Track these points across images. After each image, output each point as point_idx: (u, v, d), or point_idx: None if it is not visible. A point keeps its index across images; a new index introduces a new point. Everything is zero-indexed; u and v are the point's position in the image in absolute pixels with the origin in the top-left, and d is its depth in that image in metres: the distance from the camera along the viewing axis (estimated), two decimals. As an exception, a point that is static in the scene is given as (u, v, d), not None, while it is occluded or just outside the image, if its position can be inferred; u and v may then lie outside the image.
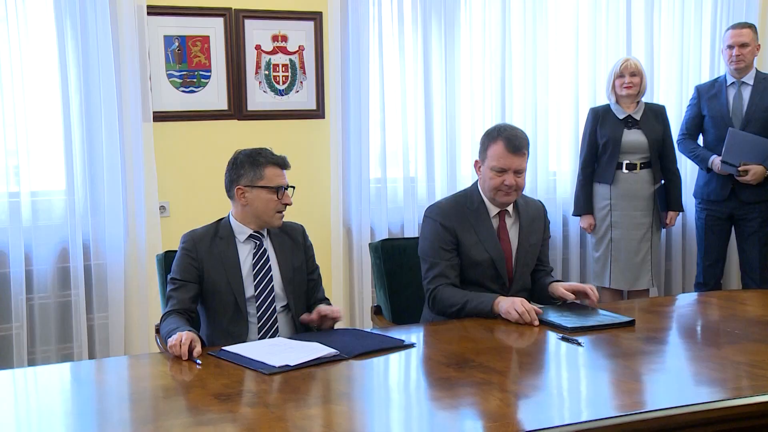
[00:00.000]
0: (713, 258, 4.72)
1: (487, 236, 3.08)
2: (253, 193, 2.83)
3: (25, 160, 3.87)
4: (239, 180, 2.84)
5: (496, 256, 3.07)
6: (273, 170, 2.84)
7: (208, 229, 2.92)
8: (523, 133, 3.05)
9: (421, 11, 4.57)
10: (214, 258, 2.85)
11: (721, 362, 2.42)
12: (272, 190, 2.83)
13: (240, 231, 2.89)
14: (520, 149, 2.99)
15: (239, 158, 2.86)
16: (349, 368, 2.42)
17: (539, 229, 3.20)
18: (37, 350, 3.95)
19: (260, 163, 2.83)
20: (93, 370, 2.69)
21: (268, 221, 2.88)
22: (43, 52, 3.92)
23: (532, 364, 2.54)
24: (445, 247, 3.07)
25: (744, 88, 4.56)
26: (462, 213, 3.10)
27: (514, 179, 2.99)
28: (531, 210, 3.19)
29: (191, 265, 2.84)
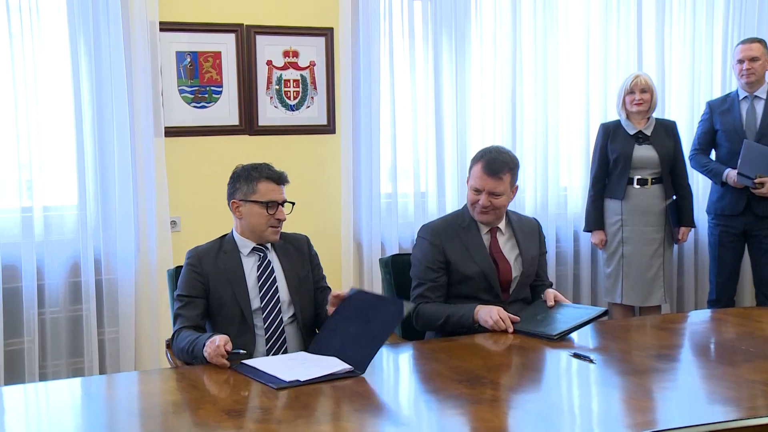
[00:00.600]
0: (726, 275, 4.69)
1: (477, 250, 3.12)
2: (246, 207, 2.86)
3: (38, 174, 3.89)
4: (234, 194, 2.88)
5: (486, 269, 3.11)
6: (267, 185, 2.85)
7: (213, 244, 2.93)
8: (509, 158, 3.11)
9: (432, 26, 4.58)
10: (219, 272, 2.86)
11: (735, 381, 2.40)
12: (263, 205, 2.84)
13: (243, 245, 2.91)
14: (496, 173, 3.05)
15: (236, 172, 2.91)
16: (360, 384, 2.41)
17: (535, 243, 3.25)
18: (48, 364, 3.95)
19: (254, 177, 2.85)
20: (103, 386, 2.69)
21: (262, 236, 2.89)
22: (57, 67, 3.95)
23: (544, 381, 2.52)
24: (431, 266, 3.13)
25: (757, 102, 4.55)
26: (452, 230, 3.17)
27: (487, 200, 3.06)
28: (525, 226, 3.26)
29: (197, 280, 2.85)
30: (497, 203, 3.07)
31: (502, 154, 3.11)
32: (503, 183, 3.06)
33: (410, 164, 4.63)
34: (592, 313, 2.95)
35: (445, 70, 4.62)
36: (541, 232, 3.33)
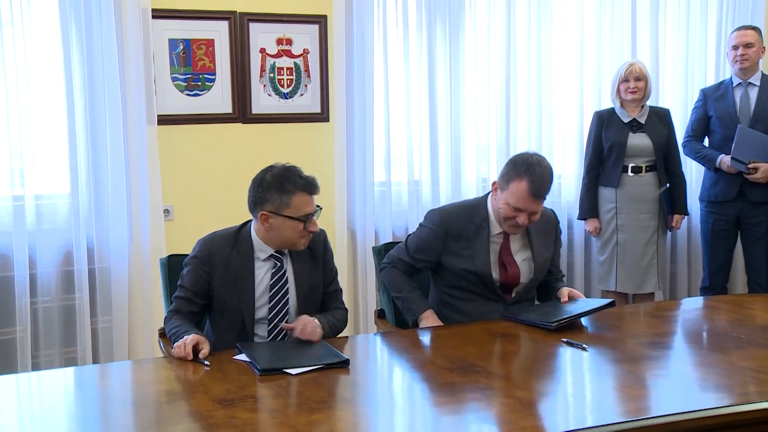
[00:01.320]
0: (719, 262, 4.71)
1: (479, 253, 3.04)
2: (278, 220, 2.67)
3: (30, 163, 3.87)
4: (263, 205, 2.67)
5: (484, 273, 3.03)
6: (301, 198, 2.66)
7: (227, 239, 2.77)
8: (551, 174, 2.95)
9: (426, 15, 4.56)
10: (228, 274, 2.73)
11: (727, 367, 2.41)
12: (298, 221, 2.68)
13: (260, 249, 2.76)
14: (542, 195, 2.92)
15: (266, 180, 2.68)
16: (352, 373, 2.41)
17: (550, 242, 3.18)
18: (40, 354, 3.94)
19: (288, 190, 2.65)
20: (96, 375, 2.69)
21: (292, 246, 2.75)
22: (48, 56, 3.92)
23: (537, 369, 2.52)
24: (422, 252, 3.11)
25: (751, 88, 4.56)
26: (461, 224, 3.07)
27: (527, 219, 2.94)
28: (542, 223, 3.11)
29: (202, 278, 2.73)
30: (535, 219, 2.98)
31: (545, 169, 2.92)
32: (543, 202, 2.98)
33: (404, 152, 4.62)
34: (597, 304, 2.94)
35: (439, 58, 4.61)
36: (558, 227, 3.26)
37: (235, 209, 3.12)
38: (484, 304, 3.07)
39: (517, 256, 3.08)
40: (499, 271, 3.05)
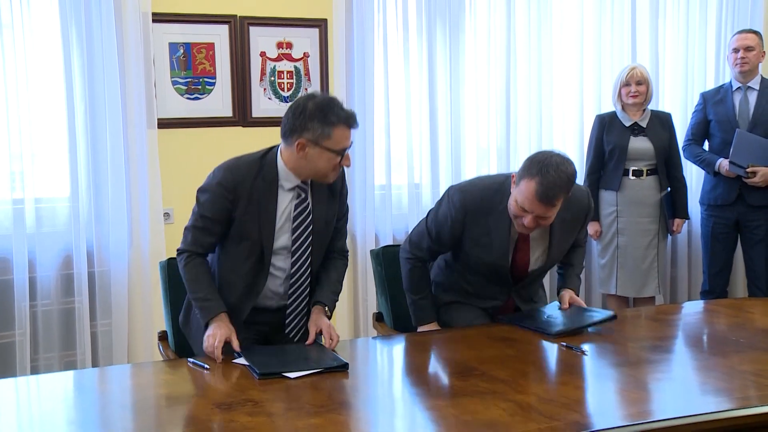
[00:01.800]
0: (719, 266, 4.70)
1: (499, 240, 2.90)
2: (316, 150, 2.56)
3: (30, 166, 3.87)
4: (303, 132, 2.55)
5: (500, 263, 2.94)
6: (342, 132, 2.57)
7: (251, 164, 2.65)
8: (567, 180, 2.71)
9: (426, 18, 4.56)
10: (252, 202, 2.62)
11: (727, 371, 2.41)
12: (336, 154, 2.58)
13: (286, 178, 2.65)
14: (551, 201, 2.70)
15: (309, 108, 2.56)
16: (352, 377, 2.41)
17: (573, 230, 3.00)
18: (40, 357, 3.94)
19: (331, 122, 2.54)
20: (96, 379, 2.69)
21: (322, 178, 2.65)
22: (49, 59, 3.92)
23: (536, 372, 2.52)
24: (444, 236, 2.97)
25: (750, 92, 4.56)
26: (484, 208, 2.90)
27: (534, 222, 2.76)
28: (572, 210, 2.93)
29: (225, 207, 2.62)
30: (545, 223, 2.80)
31: (560, 175, 2.68)
32: (555, 207, 2.74)
33: (404, 156, 4.62)
34: (598, 316, 2.93)
35: (439, 62, 4.61)
36: (589, 213, 3.04)
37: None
38: (489, 281, 3.01)
39: (534, 243, 2.94)
40: (511, 257, 2.94)
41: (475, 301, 3.07)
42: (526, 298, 3.10)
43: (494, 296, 3.05)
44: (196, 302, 2.65)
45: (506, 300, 3.05)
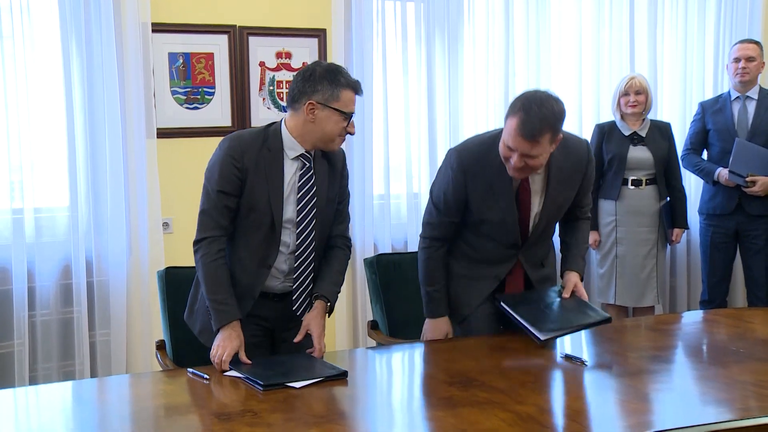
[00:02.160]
0: (719, 276, 4.70)
1: (502, 194, 2.83)
2: (325, 112, 2.59)
3: (29, 175, 3.87)
4: (313, 94, 2.58)
5: (509, 219, 2.85)
6: (349, 94, 2.61)
7: (256, 135, 2.66)
8: (552, 115, 2.65)
9: (425, 27, 4.58)
10: (259, 171, 2.61)
11: (727, 382, 2.40)
12: (344, 116, 2.61)
13: (291, 146, 2.64)
14: (534, 136, 2.61)
15: (317, 71, 2.60)
16: (350, 387, 2.40)
17: (574, 182, 2.91)
18: (38, 368, 3.93)
19: (340, 83, 2.59)
20: (94, 389, 2.68)
21: (328, 144, 2.66)
22: (48, 68, 3.93)
23: (536, 383, 2.51)
24: (449, 199, 2.90)
25: (749, 102, 4.58)
26: (481, 163, 2.83)
27: (521, 161, 2.66)
28: (570, 161, 2.87)
29: (235, 175, 2.59)
30: (533, 164, 2.69)
31: (544, 111, 2.63)
32: (539, 144, 2.64)
33: (403, 165, 4.63)
34: (592, 319, 2.83)
35: (438, 71, 4.62)
36: (588, 164, 2.93)
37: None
38: (498, 243, 2.93)
39: (534, 196, 2.87)
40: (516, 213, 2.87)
41: (484, 269, 2.97)
42: (535, 262, 2.99)
43: (502, 259, 2.95)
44: (212, 303, 2.60)
45: (514, 264, 2.96)
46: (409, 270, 3.32)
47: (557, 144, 2.73)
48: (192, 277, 2.94)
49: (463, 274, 3.01)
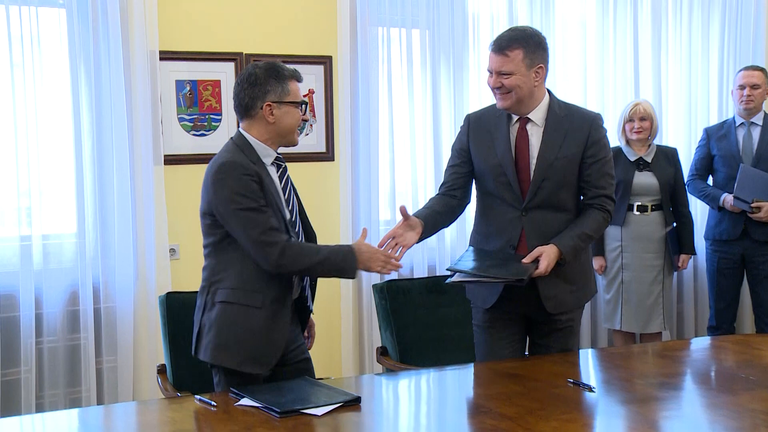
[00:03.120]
0: (726, 301, 4.69)
1: (500, 141, 2.94)
2: (282, 108, 2.69)
3: (37, 202, 3.89)
4: (266, 96, 2.67)
5: (505, 162, 2.91)
6: (294, 85, 2.73)
7: (234, 152, 2.67)
8: (520, 32, 2.86)
9: (430, 54, 4.61)
10: (263, 179, 2.67)
11: (737, 410, 2.39)
12: (298, 106, 2.73)
13: (266, 153, 2.72)
14: (500, 49, 2.82)
15: (258, 73, 2.69)
16: (360, 414, 2.39)
17: (577, 142, 2.90)
18: (45, 394, 3.92)
19: (284, 77, 2.69)
20: (101, 417, 2.67)
21: (291, 139, 2.75)
22: (57, 96, 3.96)
23: (543, 410, 2.50)
24: (456, 145, 3.09)
25: (753, 128, 4.59)
26: (485, 118, 3.02)
27: (497, 81, 2.85)
28: (572, 121, 2.93)
29: (259, 190, 2.62)
30: (508, 83, 2.82)
31: (514, 30, 2.90)
32: (510, 60, 2.81)
33: (409, 191, 4.64)
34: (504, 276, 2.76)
35: (443, 98, 4.64)
36: (594, 131, 2.93)
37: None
38: (504, 212, 2.94)
39: (532, 149, 2.91)
40: (515, 161, 2.91)
41: (493, 240, 2.96)
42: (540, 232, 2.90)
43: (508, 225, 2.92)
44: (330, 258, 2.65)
45: (520, 233, 2.91)
46: (418, 296, 3.33)
47: (539, 77, 2.86)
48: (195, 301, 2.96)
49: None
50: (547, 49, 2.92)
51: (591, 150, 2.92)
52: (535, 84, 2.87)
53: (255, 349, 2.66)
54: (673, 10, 5.17)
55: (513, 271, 2.77)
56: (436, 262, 4.68)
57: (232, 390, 2.53)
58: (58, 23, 3.93)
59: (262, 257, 2.61)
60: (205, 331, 2.71)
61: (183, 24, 4.19)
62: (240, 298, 2.66)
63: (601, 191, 2.95)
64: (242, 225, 2.61)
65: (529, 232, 2.91)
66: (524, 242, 2.92)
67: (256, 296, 2.66)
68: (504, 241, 2.94)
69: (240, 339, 2.66)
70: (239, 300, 2.66)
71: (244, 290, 2.66)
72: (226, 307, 2.67)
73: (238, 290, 2.67)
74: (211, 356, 2.69)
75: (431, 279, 3.92)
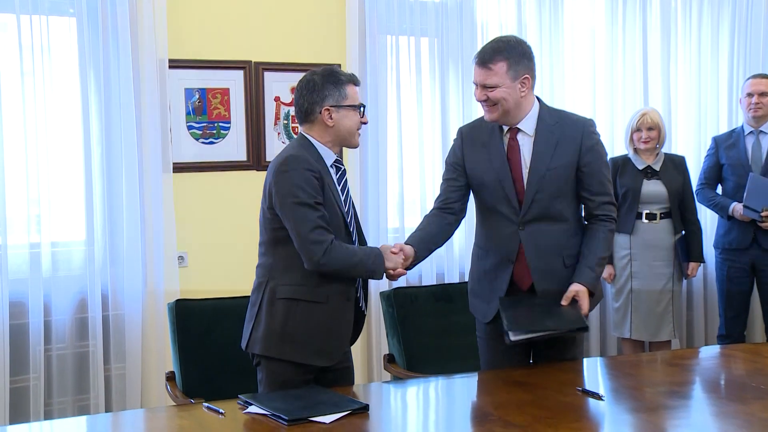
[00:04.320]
0: (736, 310, 4.67)
1: (495, 154, 2.91)
2: (340, 113, 2.76)
3: (47, 210, 3.90)
4: (324, 101, 2.74)
5: (502, 176, 2.89)
6: (352, 88, 2.80)
7: (301, 150, 2.73)
8: (503, 44, 2.84)
9: (439, 61, 4.62)
10: (325, 181, 2.72)
11: (747, 419, 2.37)
12: (356, 109, 2.79)
13: (327, 155, 2.78)
14: (483, 62, 2.82)
15: (316, 80, 2.77)
16: (367, 422, 2.39)
17: (570, 151, 2.88)
18: (54, 402, 3.93)
19: (342, 81, 2.77)
20: (109, 424, 2.67)
21: (351, 141, 2.83)
22: (67, 104, 3.98)
23: (553, 419, 2.48)
24: (450, 161, 3.06)
25: (762, 136, 4.58)
26: (478, 131, 2.99)
27: (482, 94, 2.83)
28: (564, 129, 2.90)
29: (319, 187, 2.68)
30: (493, 96, 2.81)
31: (497, 41, 2.87)
32: (494, 73, 2.80)
33: (417, 199, 4.64)
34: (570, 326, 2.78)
35: (451, 106, 4.65)
36: (586, 138, 2.90)
37: (250, 256, 3.09)
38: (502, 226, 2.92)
39: (524, 155, 2.89)
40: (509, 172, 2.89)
41: (492, 255, 2.96)
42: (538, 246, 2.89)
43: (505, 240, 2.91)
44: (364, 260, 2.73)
45: (518, 247, 2.89)
46: (425, 303, 3.33)
47: (525, 87, 2.85)
48: (205, 308, 2.97)
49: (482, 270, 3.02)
50: (532, 58, 2.91)
51: (586, 158, 2.90)
52: (522, 95, 2.86)
53: (322, 343, 2.71)
54: (683, 17, 5.17)
55: (568, 320, 2.80)
56: (444, 270, 4.67)
57: (240, 397, 2.53)
58: (68, 32, 3.96)
59: (307, 253, 2.65)
60: (266, 326, 2.72)
61: (192, 32, 4.20)
62: (304, 295, 2.71)
63: (603, 198, 2.95)
64: (295, 219, 2.65)
65: (528, 247, 2.90)
66: (523, 257, 2.91)
67: (319, 291, 2.71)
68: (502, 256, 2.94)
69: (308, 333, 2.70)
70: (303, 296, 2.71)
71: (308, 287, 2.70)
72: (291, 304, 2.71)
73: (301, 287, 2.71)
74: (276, 351, 2.71)
75: (439, 287, 3.92)
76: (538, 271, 2.90)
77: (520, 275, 2.93)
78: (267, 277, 2.76)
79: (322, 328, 2.71)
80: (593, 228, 2.96)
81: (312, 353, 2.71)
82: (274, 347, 2.71)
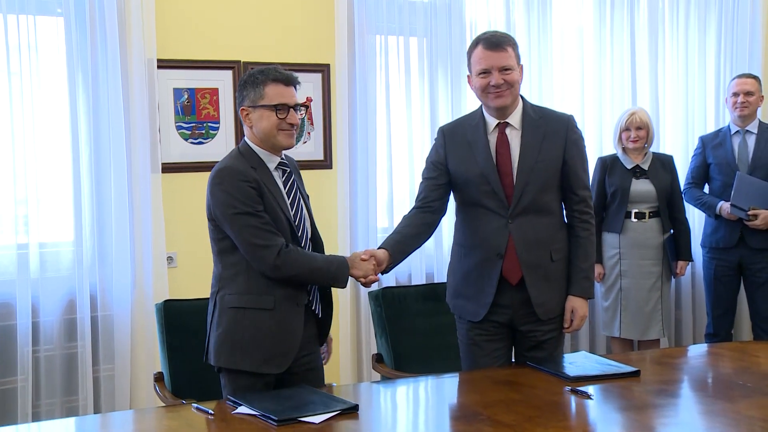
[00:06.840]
0: (723, 308, 4.69)
1: (480, 149, 2.94)
2: (256, 113, 2.68)
3: (35, 210, 3.88)
4: (242, 102, 2.71)
5: (488, 171, 2.92)
6: (274, 88, 2.67)
7: (236, 157, 2.70)
8: (506, 34, 3.00)
9: (428, 61, 4.62)
10: (261, 185, 2.66)
11: (734, 417, 2.39)
12: (272, 109, 2.66)
13: (269, 159, 2.72)
14: (499, 45, 2.88)
15: (243, 78, 2.74)
16: (356, 422, 2.39)
17: (555, 144, 2.93)
18: (41, 403, 3.91)
19: (260, 81, 2.68)
20: (97, 426, 2.66)
21: (274, 142, 2.70)
22: (55, 104, 3.96)
23: (542, 417, 2.49)
24: (430, 166, 3.07)
25: (749, 136, 4.61)
26: (461, 129, 3.02)
27: (500, 77, 2.86)
28: (548, 124, 2.96)
29: (256, 195, 2.63)
30: (510, 79, 2.88)
31: (498, 32, 3.02)
32: (510, 55, 2.89)
33: (407, 199, 4.63)
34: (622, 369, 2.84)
35: (441, 106, 4.65)
36: (571, 133, 2.97)
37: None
38: (489, 221, 2.94)
39: (513, 154, 2.93)
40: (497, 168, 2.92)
41: (478, 252, 2.97)
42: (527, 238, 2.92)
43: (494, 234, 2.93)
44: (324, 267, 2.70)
45: (507, 241, 2.91)
46: (414, 303, 3.33)
47: (521, 74, 2.94)
48: (194, 309, 2.95)
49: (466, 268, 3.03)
50: None
51: (570, 152, 2.97)
52: (521, 81, 2.96)
53: (271, 350, 2.66)
54: (670, 17, 5.20)
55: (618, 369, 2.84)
56: (434, 270, 4.68)
57: (229, 398, 2.52)
58: (56, 32, 3.94)
59: (259, 260, 2.62)
60: (216, 337, 2.70)
61: (181, 32, 4.20)
62: (250, 303, 2.66)
63: (585, 193, 3.02)
64: (237, 228, 2.63)
65: (517, 239, 2.92)
66: (512, 251, 2.93)
67: (266, 298, 2.66)
68: (490, 251, 2.95)
69: (255, 342, 2.65)
70: (249, 304, 2.66)
71: (253, 294, 2.66)
72: (237, 313, 2.67)
73: (246, 295, 2.67)
74: (226, 361, 2.68)
75: (427, 286, 3.93)
76: (527, 264, 2.93)
77: (509, 269, 2.94)
78: (217, 287, 2.74)
79: (270, 336, 2.66)
80: (573, 234, 3.02)
81: (261, 361, 2.65)
82: (224, 357, 2.68)
